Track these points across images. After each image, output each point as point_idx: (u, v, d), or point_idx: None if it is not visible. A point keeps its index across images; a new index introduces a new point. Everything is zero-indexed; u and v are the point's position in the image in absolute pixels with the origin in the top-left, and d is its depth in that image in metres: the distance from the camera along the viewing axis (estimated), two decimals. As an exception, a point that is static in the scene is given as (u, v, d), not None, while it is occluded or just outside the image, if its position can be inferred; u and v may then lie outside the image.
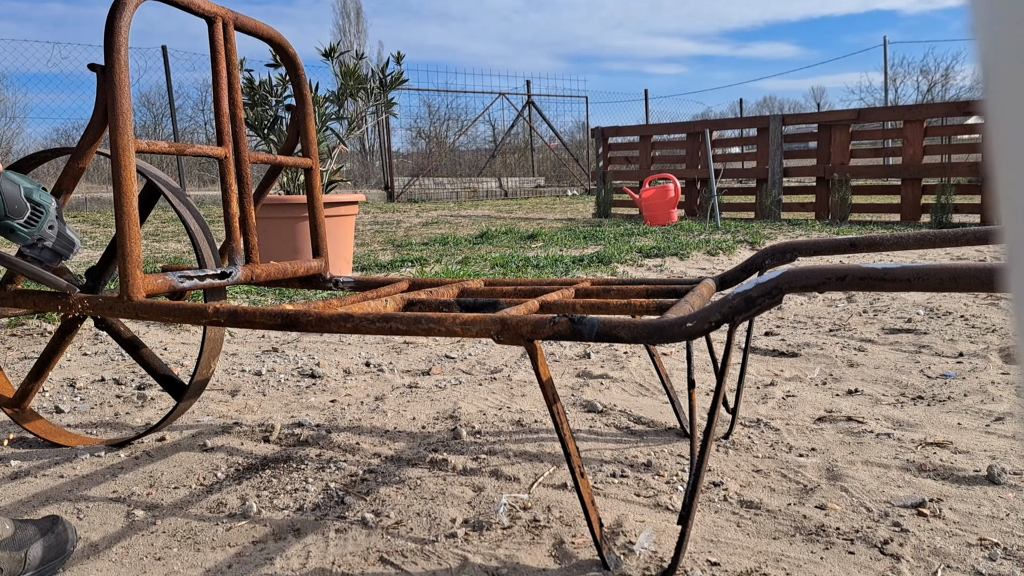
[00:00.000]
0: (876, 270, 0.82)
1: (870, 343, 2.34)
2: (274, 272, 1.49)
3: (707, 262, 4.47)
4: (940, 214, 6.50)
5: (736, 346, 2.26)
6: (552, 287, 1.42)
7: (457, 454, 1.46)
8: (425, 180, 13.78)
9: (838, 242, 1.40)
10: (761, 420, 1.62)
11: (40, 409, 1.76)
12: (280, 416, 1.72)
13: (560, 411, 0.99)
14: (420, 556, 1.06)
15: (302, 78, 1.58)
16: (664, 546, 1.08)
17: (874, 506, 1.20)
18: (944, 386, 1.85)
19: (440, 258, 4.60)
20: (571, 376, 2.02)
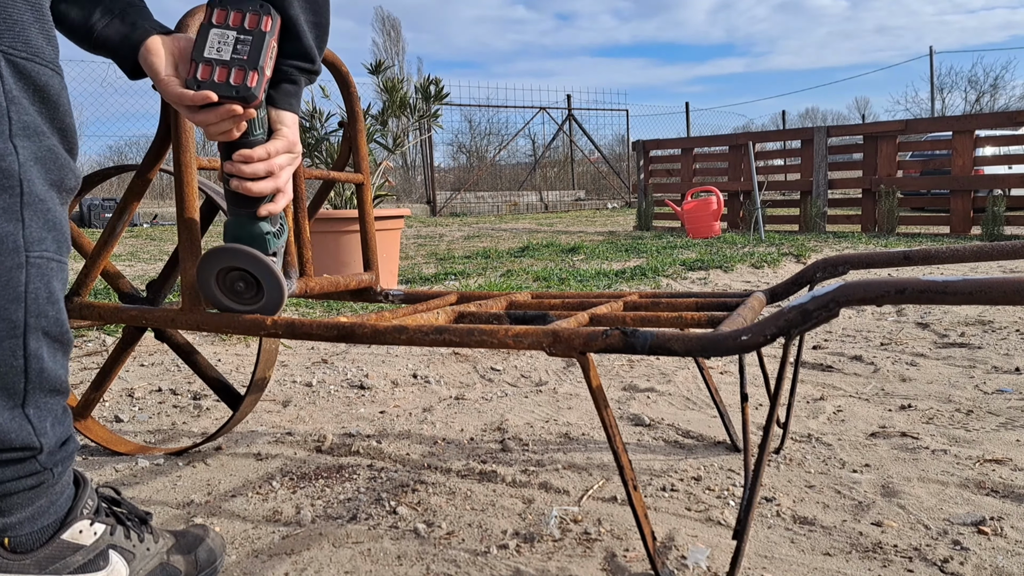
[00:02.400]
0: (937, 283, 0.81)
1: (922, 357, 2.29)
2: (327, 285, 1.52)
3: (752, 275, 4.42)
4: (991, 226, 6.35)
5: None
6: (600, 300, 1.43)
7: (506, 466, 1.47)
8: (466, 194, 13.88)
9: (891, 255, 1.38)
10: (812, 435, 1.60)
11: (100, 418, 1.82)
12: (331, 426, 1.74)
13: (612, 421, 1.00)
14: (473, 567, 1.07)
15: (354, 96, 1.61)
16: (717, 561, 1.08)
17: (932, 523, 1.18)
18: (1001, 401, 1.81)
19: (483, 271, 4.63)
20: (617, 389, 2.02)
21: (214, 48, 0.95)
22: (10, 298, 0.78)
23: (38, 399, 0.83)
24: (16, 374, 0.81)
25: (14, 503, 0.84)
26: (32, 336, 0.81)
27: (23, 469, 0.83)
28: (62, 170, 0.83)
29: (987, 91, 25.71)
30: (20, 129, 0.77)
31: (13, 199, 0.77)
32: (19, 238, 0.78)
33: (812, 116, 33.23)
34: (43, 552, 0.85)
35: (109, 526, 0.92)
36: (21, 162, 0.77)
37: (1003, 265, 4.48)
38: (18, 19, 0.77)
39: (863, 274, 3.77)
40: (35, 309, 0.81)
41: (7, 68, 0.76)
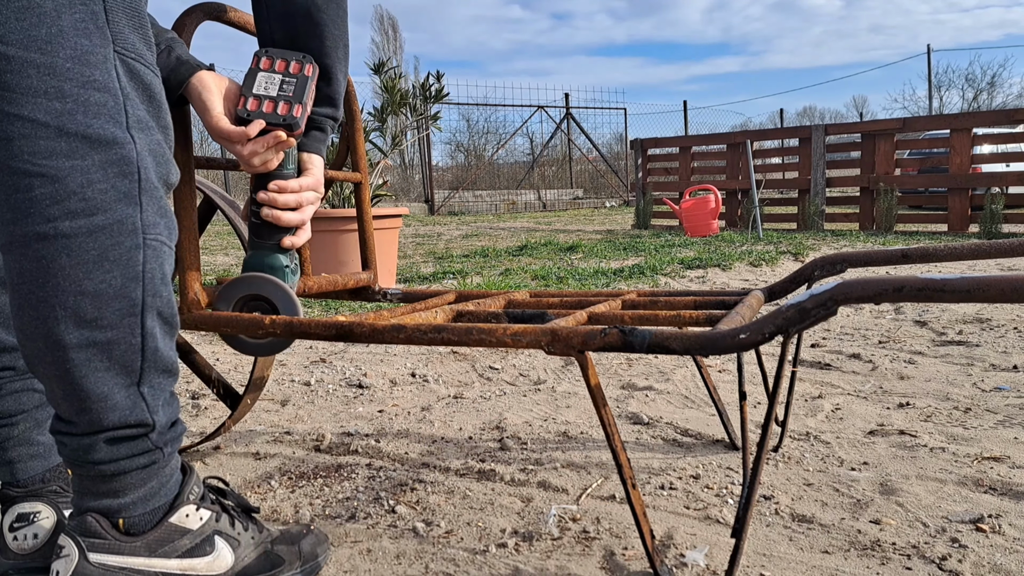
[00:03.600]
0: (935, 281, 0.81)
1: (920, 355, 2.30)
2: (325, 284, 1.52)
3: (750, 273, 4.43)
4: (989, 224, 6.35)
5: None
6: (598, 298, 1.43)
7: (504, 464, 1.47)
8: (464, 193, 13.88)
9: (889, 253, 1.38)
10: (811, 433, 1.60)
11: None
12: (330, 426, 1.74)
13: (611, 420, 1.00)
14: (472, 566, 1.07)
15: (352, 95, 1.61)
16: (716, 559, 1.08)
17: (931, 521, 1.18)
18: (999, 399, 1.81)
19: (481, 270, 4.63)
20: (615, 388, 2.02)
21: (262, 87, 1.07)
22: (129, 276, 0.83)
23: (152, 378, 0.87)
24: (134, 352, 0.84)
25: (128, 482, 0.87)
26: (148, 315, 0.85)
27: (137, 447, 0.86)
28: (167, 164, 0.89)
29: (984, 89, 25.75)
30: (135, 122, 0.83)
31: (132, 184, 0.83)
32: (137, 220, 0.83)
33: (810, 114, 33.26)
34: (153, 535, 0.88)
35: (215, 513, 0.95)
36: (139, 151, 0.83)
37: (1001, 263, 4.48)
38: (131, 23, 0.84)
39: (861, 272, 3.78)
40: (151, 289, 0.85)
41: (121, 66, 0.82)
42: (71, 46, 0.78)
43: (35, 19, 0.76)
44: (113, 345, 0.83)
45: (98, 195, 0.80)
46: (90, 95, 0.79)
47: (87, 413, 0.83)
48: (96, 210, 0.80)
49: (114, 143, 0.81)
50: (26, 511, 0.99)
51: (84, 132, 0.79)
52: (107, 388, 0.83)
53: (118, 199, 0.81)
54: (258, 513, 1.03)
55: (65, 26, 0.78)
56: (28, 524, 0.98)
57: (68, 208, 0.79)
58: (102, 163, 0.80)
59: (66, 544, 0.86)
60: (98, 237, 0.80)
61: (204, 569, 0.91)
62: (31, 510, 0.99)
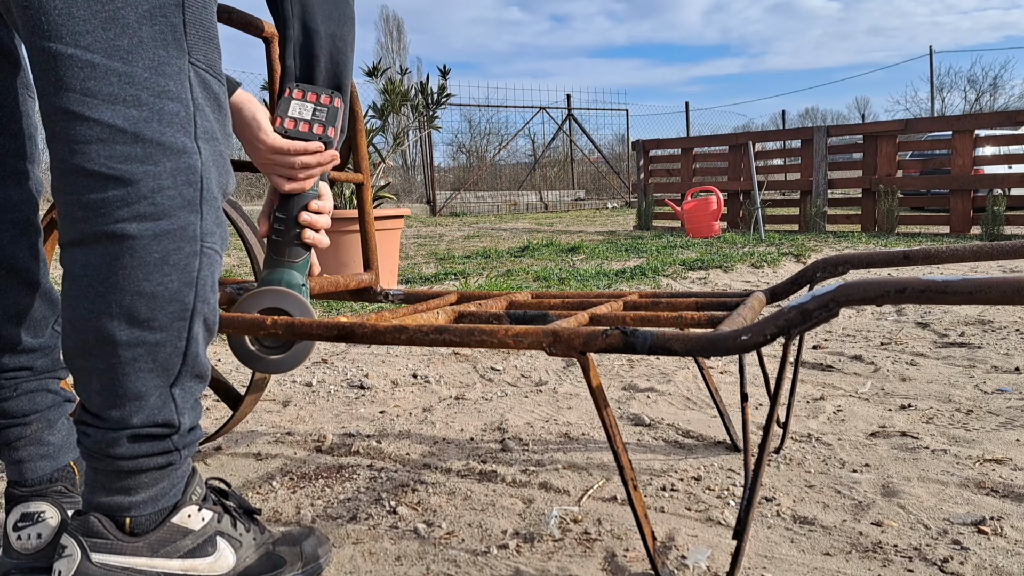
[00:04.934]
0: (937, 283, 0.81)
1: (922, 357, 2.29)
2: (327, 285, 1.52)
3: (752, 275, 4.43)
4: (991, 225, 6.35)
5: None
6: (600, 300, 1.43)
7: (506, 465, 1.47)
8: (466, 194, 13.88)
9: (891, 254, 1.38)
10: (812, 435, 1.60)
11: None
12: (331, 426, 1.75)
13: (612, 421, 1.00)
14: (473, 567, 1.07)
15: (354, 96, 1.61)
16: (718, 561, 1.08)
17: (932, 523, 1.18)
18: (1001, 401, 1.81)
19: (483, 271, 4.63)
20: (617, 389, 2.02)
21: (295, 111, 1.12)
22: (185, 281, 0.86)
23: (186, 381, 0.89)
24: (177, 354, 0.87)
25: (142, 481, 0.88)
26: (196, 320, 0.88)
27: (158, 446, 0.88)
28: (228, 174, 0.92)
29: (986, 91, 25.72)
30: (203, 132, 0.87)
31: (196, 193, 0.86)
32: (197, 228, 0.86)
33: (812, 116, 33.24)
34: (155, 535, 0.89)
35: (216, 514, 0.95)
36: (203, 161, 0.87)
37: (1003, 265, 4.48)
38: (205, 34, 0.88)
39: (863, 274, 3.77)
40: (202, 295, 0.88)
41: (195, 77, 0.86)
42: (150, 56, 0.82)
43: (119, 29, 0.80)
44: (160, 347, 0.85)
45: (166, 201, 0.83)
46: (165, 104, 0.83)
47: (120, 409, 0.85)
48: (163, 215, 0.83)
49: (184, 152, 0.84)
50: (31, 511, 0.99)
51: (158, 139, 0.82)
52: (145, 388, 0.85)
53: (183, 206, 0.84)
54: (260, 514, 1.03)
55: (145, 37, 0.81)
56: (32, 524, 0.99)
57: (137, 211, 0.82)
58: (172, 171, 0.83)
59: (68, 544, 0.86)
60: (162, 241, 0.83)
61: (206, 570, 0.92)
62: (36, 510, 0.99)
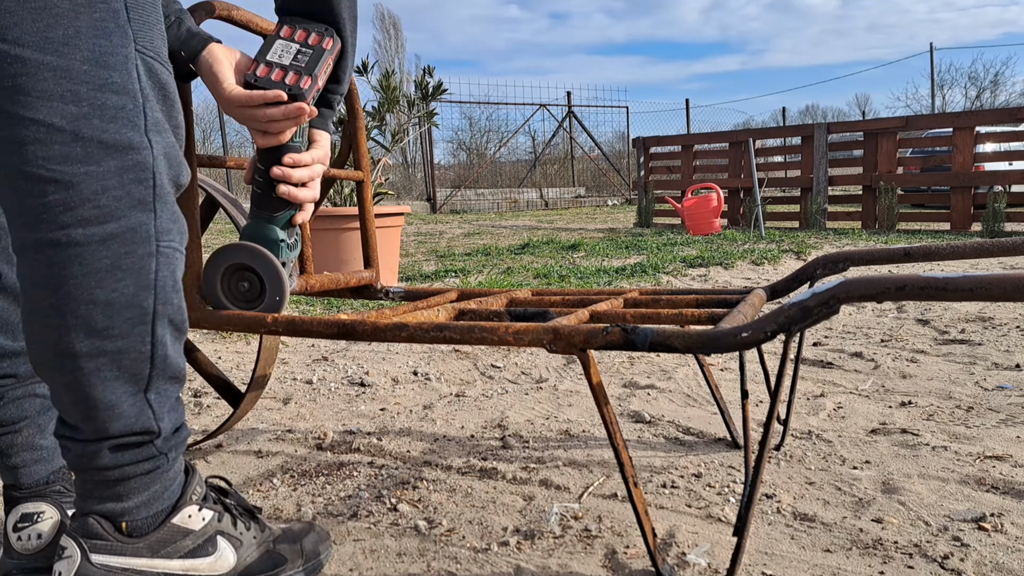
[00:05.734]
0: (937, 279, 0.81)
1: (922, 354, 2.29)
2: (327, 282, 1.52)
3: (752, 272, 4.43)
4: (992, 222, 6.34)
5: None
6: (600, 297, 1.43)
7: (506, 463, 1.47)
8: (466, 191, 13.88)
9: (892, 252, 1.38)
10: (813, 432, 1.60)
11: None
12: (332, 424, 1.75)
13: (612, 418, 1.00)
14: (474, 564, 1.08)
15: (354, 92, 1.61)
16: (718, 558, 1.08)
17: (933, 520, 1.18)
18: (1001, 398, 1.81)
19: (483, 268, 4.63)
20: (617, 386, 2.02)
21: (276, 54, 1.05)
22: (142, 285, 0.82)
23: (159, 385, 0.86)
24: (143, 360, 0.84)
25: (131, 487, 0.86)
26: (159, 323, 0.84)
27: (141, 453, 0.86)
28: (179, 166, 0.87)
29: (987, 87, 25.70)
30: (152, 125, 0.82)
31: (147, 190, 0.81)
32: (151, 228, 0.82)
33: (812, 113, 33.22)
34: (155, 536, 0.88)
35: (217, 513, 0.95)
36: (155, 155, 0.82)
37: (1003, 262, 4.48)
38: (149, 19, 0.82)
39: (863, 271, 3.77)
40: (163, 297, 0.84)
41: (142, 66, 0.81)
42: (88, 47, 0.76)
43: (51, 20, 0.74)
44: (123, 354, 0.82)
45: (112, 202, 0.78)
46: (107, 98, 0.77)
47: (93, 421, 0.83)
48: (110, 217, 0.78)
49: (131, 148, 0.79)
50: (30, 511, 0.99)
51: (99, 137, 0.77)
52: (115, 396, 0.83)
53: (132, 206, 0.80)
54: (260, 513, 1.03)
55: (83, 26, 0.75)
56: (32, 524, 0.98)
57: (81, 215, 0.77)
58: (118, 169, 0.79)
59: (68, 545, 0.85)
60: (111, 245, 0.79)
61: (207, 569, 0.92)
62: (35, 510, 0.99)
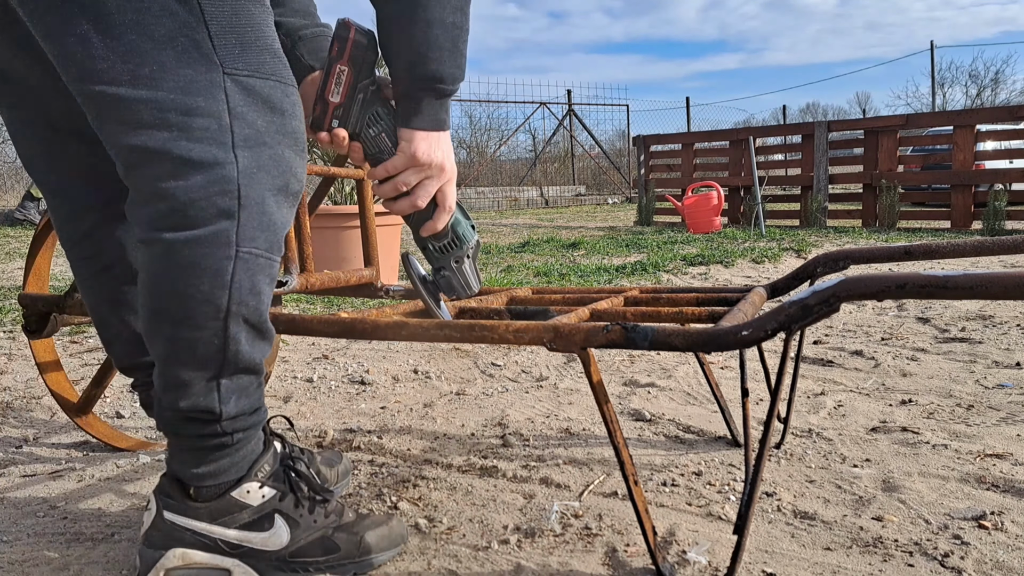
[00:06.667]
0: (937, 278, 0.81)
1: (923, 352, 2.29)
2: (328, 281, 1.52)
3: (753, 270, 4.43)
4: (992, 220, 6.34)
5: (785, 355, 2.24)
6: (600, 295, 1.43)
7: (507, 461, 1.47)
8: (467, 190, 13.87)
9: (892, 250, 1.38)
10: (813, 430, 1.60)
11: (102, 414, 1.82)
12: (332, 422, 1.75)
13: (613, 416, 1.00)
14: (474, 562, 1.08)
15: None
16: (718, 556, 1.08)
17: (933, 518, 1.18)
18: (1001, 396, 1.81)
19: (483, 267, 4.63)
20: (617, 385, 2.02)
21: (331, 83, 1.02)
22: (218, 285, 0.90)
23: (230, 374, 0.95)
24: (215, 351, 0.93)
25: (200, 457, 0.97)
26: (232, 321, 0.92)
27: (206, 429, 0.96)
28: (286, 175, 0.94)
29: (988, 85, 25.68)
30: (242, 140, 0.89)
31: (231, 201, 0.89)
32: (232, 235, 0.90)
33: (813, 111, 33.20)
34: (216, 504, 0.98)
35: (279, 492, 1.01)
36: (240, 169, 0.89)
37: (1004, 260, 4.48)
38: (244, 39, 0.89)
39: (864, 269, 3.77)
40: (238, 298, 0.92)
41: (233, 87, 0.88)
42: (174, 78, 0.85)
43: (139, 59, 0.84)
44: (198, 343, 0.91)
45: (198, 212, 0.88)
46: (192, 121, 0.86)
47: (170, 392, 0.94)
48: (195, 224, 0.88)
49: (215, 164, 0.87)
50: None
51: (186, 156, 0.86)
52: (188, 377, 0.93)
53: (217, 215, 0.88)
54: (330, 499, 1.05)
55: (167, 60, 0.85)
56: None
57: (173, 222, 0.88)
58: (204, 183, 0.87)
59: (151, 499, 1.00)
60: (192, 247, 0.88)
61: (259, 543, 0.99)
62: None
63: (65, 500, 1.32)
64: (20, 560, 1.10)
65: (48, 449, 1.60)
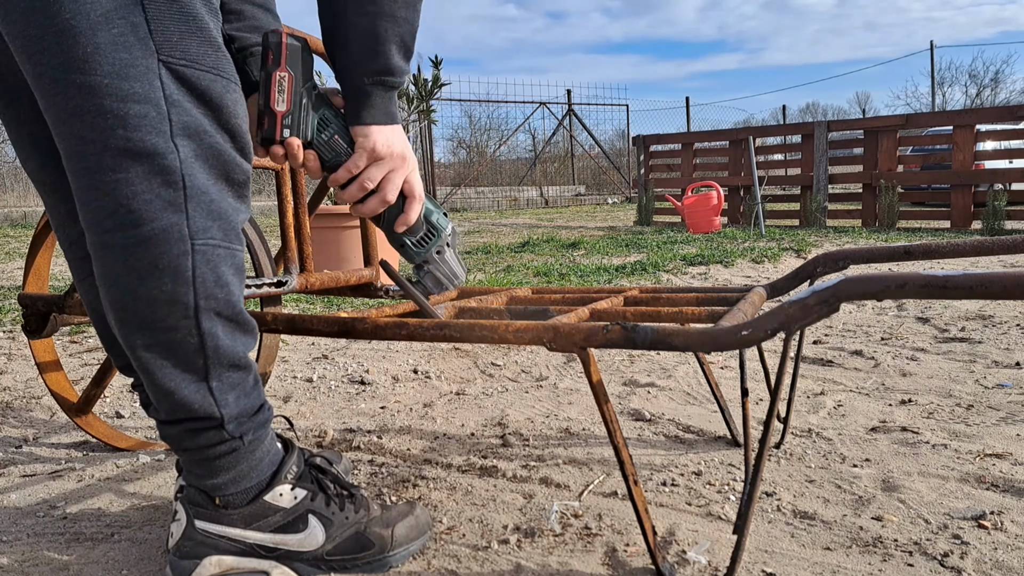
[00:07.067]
0: (937, 277, 0.81)
1: (922, 352, 2.29)
2: (327, 281, 1.52)
3: (752, 270, 4.43)
4: (992, 220, 6.34)
5: (784, 355, 2.24)
6: (600, 295, 1.43)
7: (506, 460, 1.47)
8: (466, 190, 13.87)
9: (892, 249, 1.38)
10: (813, 430, 1.60)
11: (101, 414, 1.82)
12: (332, 422, 1.75)
13: (613, 416, 1.00)
14: (474, 562, 1.08)
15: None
16: (718, 555, 1.08)
17: (933, 518, 1.18)
18: (1001, 396, 1.81)
19: (483, 267, 4.63)
20: (617, 385, 2.02)
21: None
22: (180, 282, 0.86)
23: (219, 373, 0.92)
24: (195, 351, 0.89)
25: (215, 466, 0.95)
26: (204, 316, 0.89)
27: (213, 437, 0.93)
28: (227, 165, 0.89)
29: (988, 85, 25.69)
30: (180, 129, 0.84)
31: (176, 193, 0.85)
32: (184, 228, 0.86)
33: (812, 111, 33.20)
34: (247, 510, 0.97)
35: (311, 492, 1.01)
36: (182, 159, 0.84)
37: (1004, 260, 4.48)
38: (175, 30, 0.84)
39: (863, 269, 3.77)
40: (203, 291, 0.88)
41: (168, 75, 0.83)
42: (109, 62, 0.80)
43: (71, 40, 0.78)
44: (175, 345, 0.88)
45: (143, 206, 0.83)
46: (129, 108, 0.81)
47: (164, 403, 0.92)
48: (142, 221, 0.83)
49: (155, 154, 0.83)
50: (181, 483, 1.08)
51: (124, 146, 0.81)
52: (174, 384, 0.90)
53: (163, 208, 0.84)
54: (356, 494, 1.05)
55: (102, 43, 0.79)
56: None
57: (118, 221, 0.83)
58: (145, 174, 0.83)
59: (179, 510, 0.97)
60: (147, 247, 0.84)
61: (295, 545, 0.99)
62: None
63: (65, 500, 1.32)
64: (20, 560, 1.10)
65: (48, 449, 1.60)
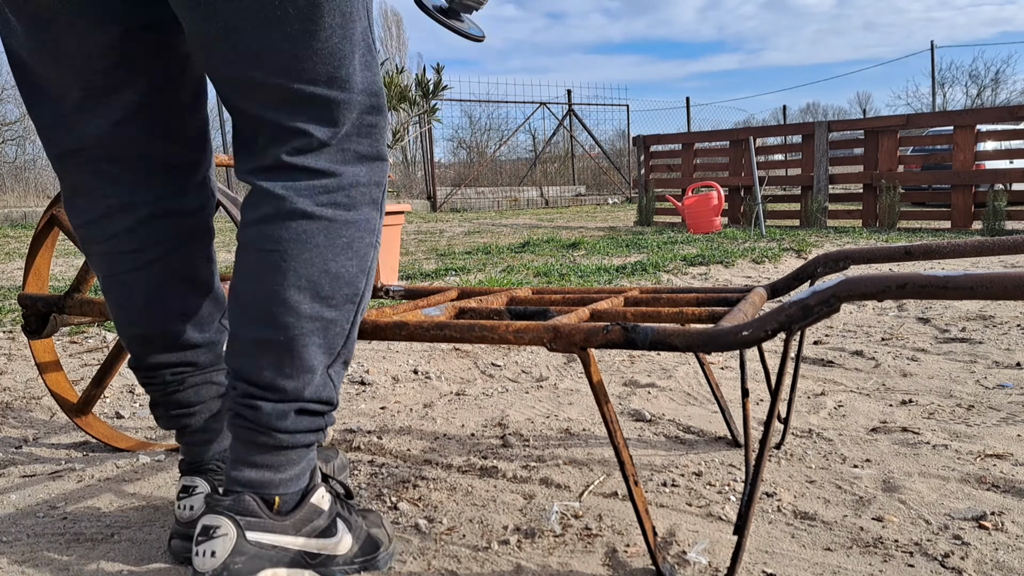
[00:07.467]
0: (938, 278, 0.81)
1: (923, 352, 2.29)
2: (327, 281, 1.52)
3: (753, 270, 4.43)
4: (992, 220, 6.34)
5: (785, 355, 2.24)
6: (601, 295, 1.43)
7: (507, 461, 1.47)
8: (467, 190, 13.87)
9: (892, 250, 1.38)
10: (813, 430, 1.60)
11: (101, 414, 1.82)
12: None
13: (613, 416, 1.00)
14: (474, 562, 1.08)
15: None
16: (718, 556, 1.08)
17: (933, 519, 1.18)
18: (1002, 396, 1.81)
19: (483, 267, 4.63)
20: (617, 385, 2.02)
21: None
22: (361, 268, 0.94)
23: (338, 364, 0.96)
24: (342, 335, 0.94)
25: (291, 457, 0.93)
26: (362, 306, 0.97)
27: (315, 423, 0.94)
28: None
29: (988, 86, 25.68)
30: (386, 143, 0.98)
31: (380, 193, 0.97)
32: (376, 224, 0.97)
33: (813, 111, 33.17)
34: (298, 514, 0.94)
35: (333, 496, 1.00)
36: (386, 167, 0.97)
37: (1004, 260, 4.48)
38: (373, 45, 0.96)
39: (864, 269, 3.77)
40: (368, 285, 0.96)
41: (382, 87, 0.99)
42: (361, 80, 0.92)
43: (337, 62, 0.88)
44: (333, 324, 0.93)
45: (359, 196, 0.94)
46: (368, 119, 0.94)
47: (296, 380, 0.91)
48: (354, 207, 0.93)
49: (379, 158, 0.96)
50: (188, 484, 1.08)
51: (362, 152, 0.94)
52: (315, 362, 0.92)
53: (369, 203, 0.95)
54: (353, 497, 1.06)
55: (357, 64, 0.90)
56: (188, 496, 1.07)
57: (336, 199, 0.92)
58: (368, 172, 0.95)
59: (222, 523, 0.87)
60: (351, 228, 0.93)
61: (333, 550, 0.97)
62: (191, 484, 1.08)
63: (65, 500, 1.32)
64: (20, 560, 1.10)
65: (48, 449, 1.60)
